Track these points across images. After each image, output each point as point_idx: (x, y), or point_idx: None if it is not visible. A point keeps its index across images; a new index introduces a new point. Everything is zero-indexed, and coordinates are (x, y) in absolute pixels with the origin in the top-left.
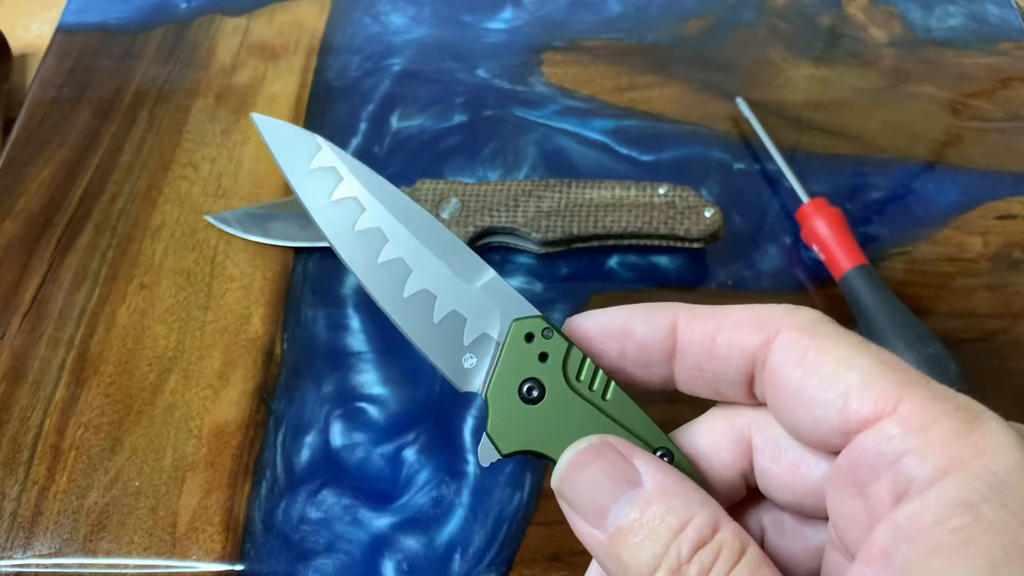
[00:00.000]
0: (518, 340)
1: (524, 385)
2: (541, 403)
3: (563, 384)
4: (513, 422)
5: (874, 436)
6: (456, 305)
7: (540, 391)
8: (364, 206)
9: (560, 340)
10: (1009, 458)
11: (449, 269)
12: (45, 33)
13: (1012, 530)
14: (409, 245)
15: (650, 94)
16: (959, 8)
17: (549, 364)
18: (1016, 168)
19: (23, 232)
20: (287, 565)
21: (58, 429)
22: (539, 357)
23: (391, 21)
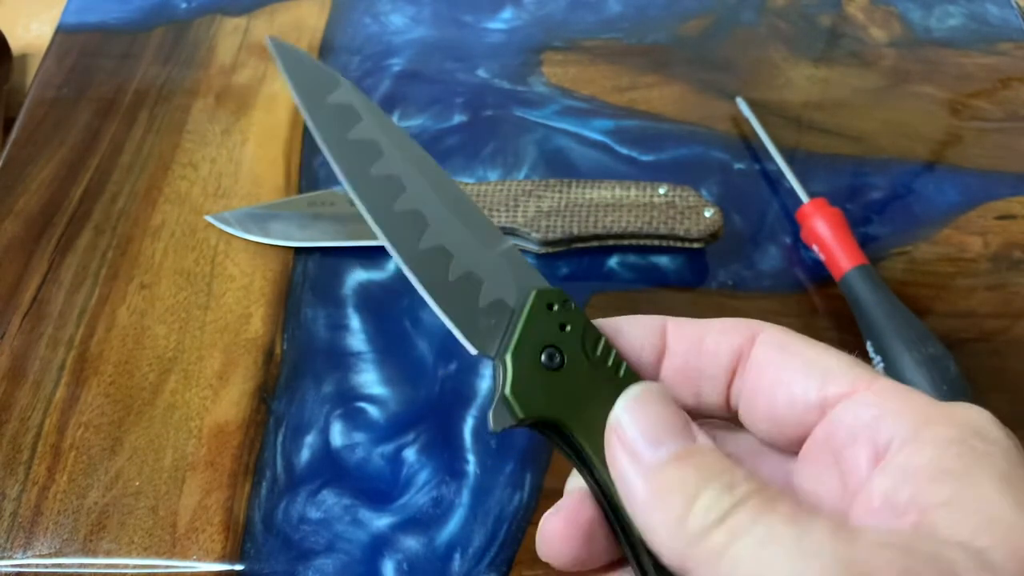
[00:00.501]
0: (540, 308)
1: (545, 351)
2: (562, 370)
3: (583, 355)
4: (534, 386)
5: (852, 405)
6: (473, 267)
7: (561, 359)
8: (383, 151)
9: (579, 314)
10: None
11: (468, 231)
12: (45, 33)
13: (1006, 458)
14: (428, 199)
15: (650, 94)
16: (959, 8)
17: (569, 334)
18: (1016, 168)
19: (23, 232)
20: (287, 565)
21: (58, 429)
22: (559, 327)
23: (391, 21)
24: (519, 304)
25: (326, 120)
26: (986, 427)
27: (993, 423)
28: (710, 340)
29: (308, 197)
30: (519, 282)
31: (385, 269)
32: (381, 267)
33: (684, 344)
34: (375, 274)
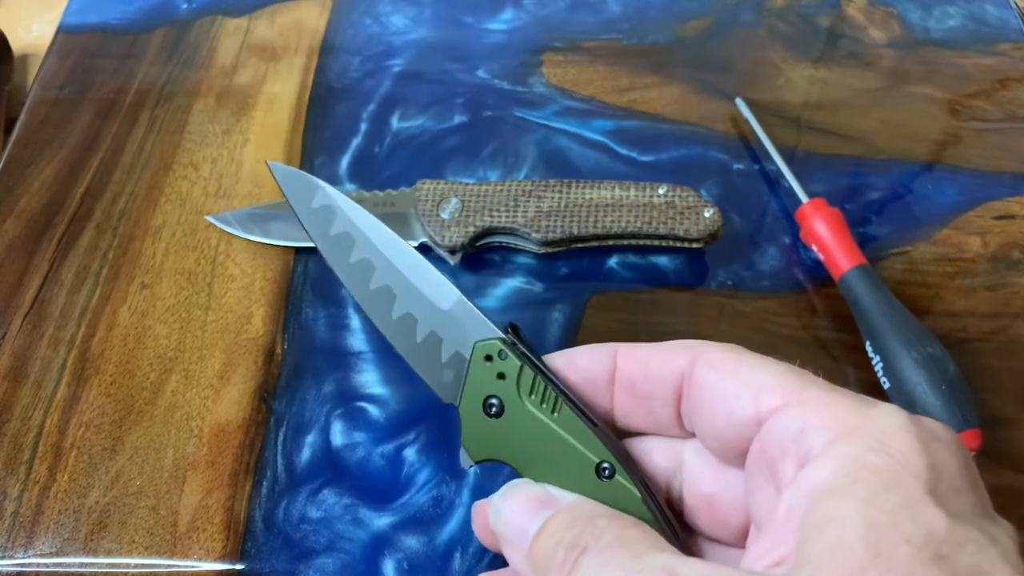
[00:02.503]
0: (479, 360)
1: (487, 401)
2: (502, 418)
3: (519, 401)
4: (480, 434)
5: (780, 418)
6: (433, 326)
7: (500, 407)
8: (355, 239)
9: (514, 361)
10: (894, 422)
11: (424, 293)
12: (46, 33)
13: (894, 470)
14: (392, 273)
15: (650, 94)
16: (958, 9)
17: (506, 382)
18: (1015, 168)
19: (24, 232)
20: (288, 564)
21: (59, 428)
22: (498, 375)
23: (392, 22)
24: (469, 355)
25: (314, 224)
26: (894, 438)
27: (906, 432)
28: (655, 363)
29: None
30: (469, 334)
31: None
32: None
33: (633, 368)
34: None
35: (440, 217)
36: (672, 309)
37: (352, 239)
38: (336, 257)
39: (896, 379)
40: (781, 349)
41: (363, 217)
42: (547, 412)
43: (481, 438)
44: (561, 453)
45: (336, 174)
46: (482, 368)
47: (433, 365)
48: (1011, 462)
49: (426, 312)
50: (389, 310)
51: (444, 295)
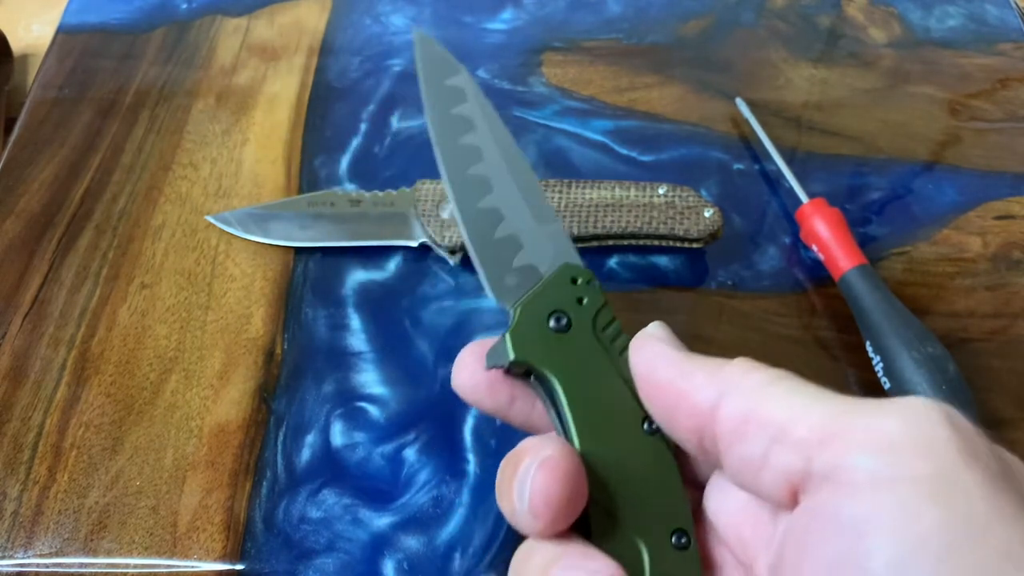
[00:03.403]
0: (563, 278)
1: (556, 312)
2: (565, 334)
3: (590, 328)
4: (534, 337)
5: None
6: (519, 231)
7: (567, 324)
8: (475, 126)
9: (599, 295)
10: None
11: (526, 205)
12: (46, 34)
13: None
14: (499, 172)
15: (650, 94)
16: (958, 9)
17: (583, 307)
18: (1015, 168)
19: (24, 232)
20: (288, 564)
21: (59, 428)
22: (578, 299)
23: (391, 22)
24: (548, 272)
25: (437, 98)
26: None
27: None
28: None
29: (308, 197)
30: (555, 256)
31: (385, 269)
32: (381, 267)
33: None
34: (375, 274)
35: (440, 217)
36: (672, 309)
37: (472, 125)
38: (445, 135)
39: (896, 379)
40: (781, 349)
41: (494, 118)
42: (614, 352)
43: (533, 341)
44: (613, 394)
45: (336, 174)
46: (563, 286)
47: (499, 264)
48: None
49: (517, 217)
50: (479, 199)
51: (543, 216)
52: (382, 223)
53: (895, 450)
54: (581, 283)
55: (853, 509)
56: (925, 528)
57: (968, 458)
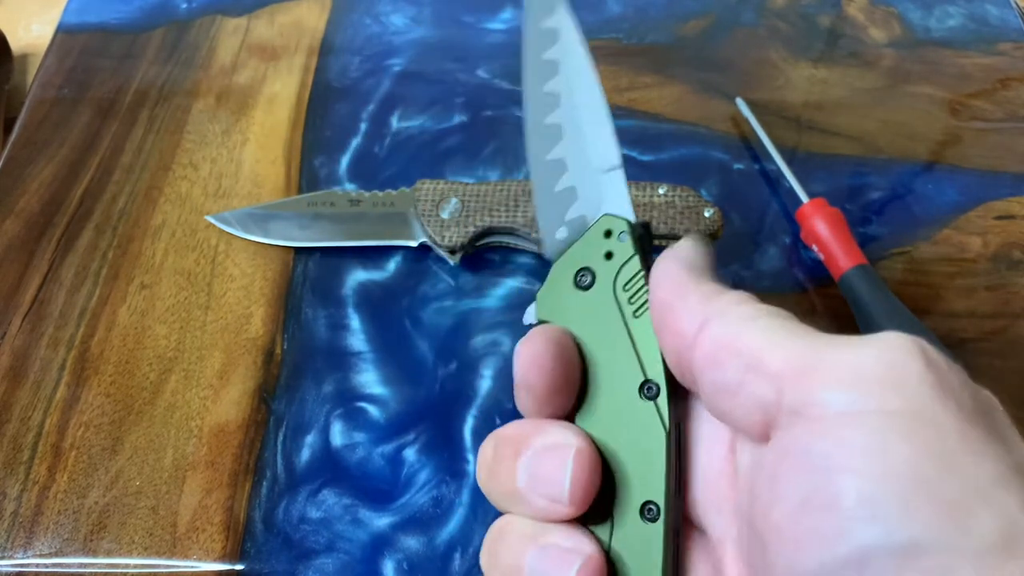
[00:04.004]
0: (598, 231)
1: (582, 270)
2: (586, 292)
3: (610, 286)
4: (559, 297)
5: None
6: (577, 182)
7: (591, 282)
8: (559, 71)
9: (628, 247)
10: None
11: (588, 146)
12: (46, 33)
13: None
14: (572, 116)
15: (650, 94)
16: (958, 8)
17: (609, 264)
18: (1015, 168)
19: (24, 232)
20: (287, 565)
21: (59, 429)
22: (606, 254)
23: (391, 22)
24: (592, 223)
25: (533, 37)
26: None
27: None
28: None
29: (308, 197)
30: (604, 204)
31: (385, 269)
32: (381, 267)
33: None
34: (375, 274)
35: (440, 217)
36: None
37: (557, 69)
38: (533, 79)
39: None
40: None
41: (580, 58)
42: (630, 311)
43: (557, 301)
44: (619, 354)
45: (336, 174)
46: (596, 240)
47: (555, 217)
48: None
49: (578, 165)
50: (549, 149)
51: (606, 157)
52: (382, 223)
53: (866, 384)
54: (614, 236)
55: (822, 445)
56: (894, 464)
57: (941, 392)
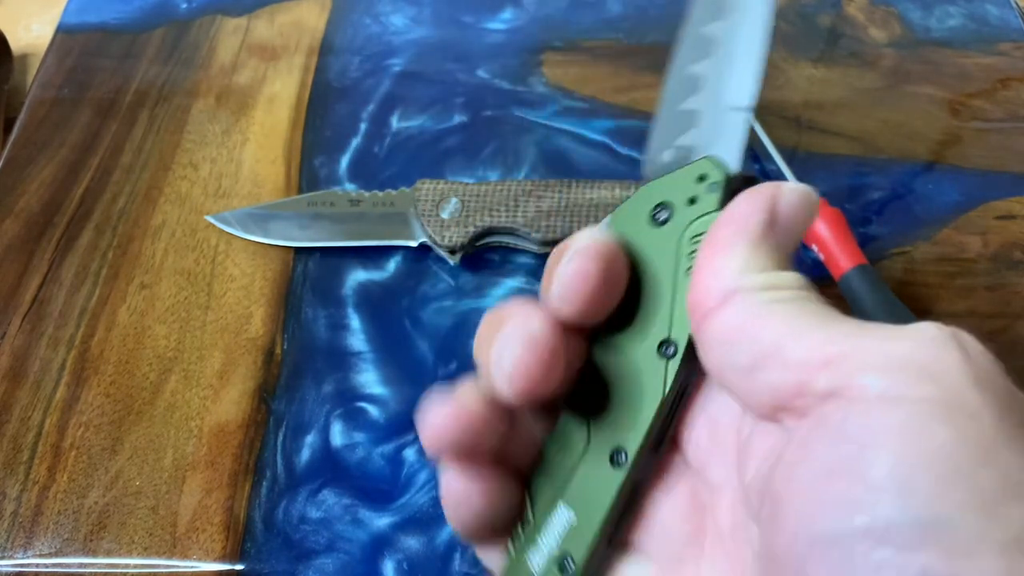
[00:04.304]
0: (692, 172)
1: (663, 205)
2: (658, 229)
3: (679, 233)
4: (633, 219)
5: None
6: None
7: (665, 221)
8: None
9: (712, 201)
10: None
11: (729, 78)
12: (46, 33)
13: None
14: (729, 38)
15: (650, 94)
16: (959, 8)
17: (689, 210)
18: (1016, 168)
19: (24, 232)
20: (287, 565)
21: (59, 429)
22: (690, 199)
23: (391, 22)
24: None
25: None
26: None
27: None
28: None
29: (308, 197)
30: (715, 145)
31: (385, 269)
32: (381, 267)
33: None
34: (375, 274)
35: (440, 217)
36: None
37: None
38: (693, 22)
39: None
40: None
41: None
42: (684, 265)
43: (630, 223)
44: (655, 303)
45: (336, 174)
46: (688, 180)
47: (668, 136)
48: None
49: (711, 91)
50: (693, 63)
51: (740, 95)
52: (382, 223)
53: (905, 372)
54: (705, 183)
55: (860, 421)
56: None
57: (980, 385)
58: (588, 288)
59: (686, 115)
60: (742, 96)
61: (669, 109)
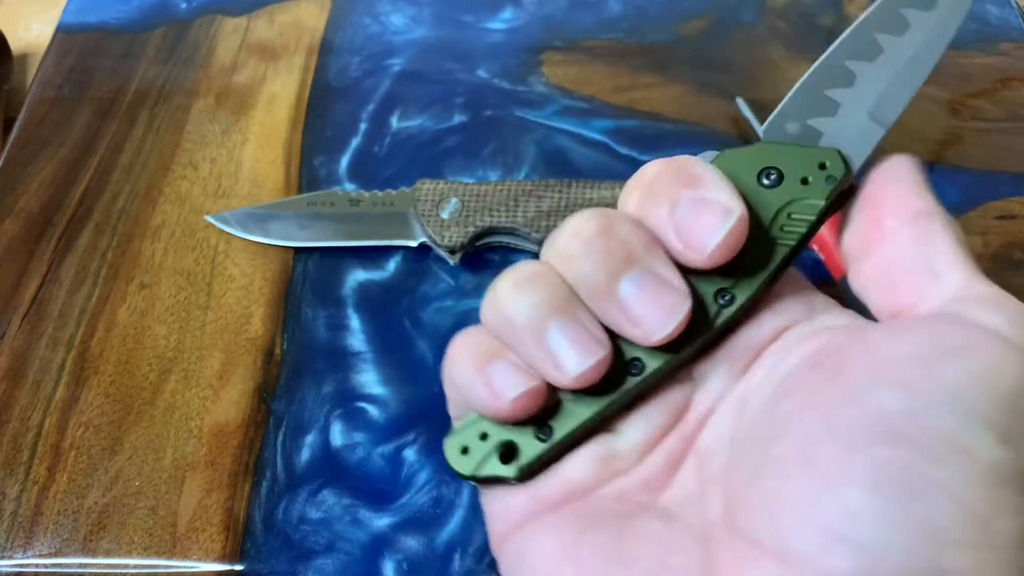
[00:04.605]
0: (818, 156)
1: (772, 170)
2: (759, 188)
3: (779, 204)
4: (738, 168)
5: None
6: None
7: (770, 186)
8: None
9: (824, 191)
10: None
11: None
12: (45, 33)
13: None
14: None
15: (650, 94)
16: None
17: (798, 189)
18: (1016, 168)
19: (23, 232)
20: (287, 565)
21: (58, 429)
22: (803, 179)
23: (391, 21)
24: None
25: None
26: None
27: None
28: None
29: (308, 197)
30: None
31: (385, 269)
32: (381, 267)
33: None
34: (375, 274)
35: (440, 217)
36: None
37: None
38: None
39: None
40: None
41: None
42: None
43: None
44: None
45: (336, 174)
46: (810, 160)
47: (800, 112)
48: None
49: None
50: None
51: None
52: (382, 223)
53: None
54: (824, 172)
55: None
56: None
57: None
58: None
59: (828, 101)
60: (888, 113)
61: (812, 87)
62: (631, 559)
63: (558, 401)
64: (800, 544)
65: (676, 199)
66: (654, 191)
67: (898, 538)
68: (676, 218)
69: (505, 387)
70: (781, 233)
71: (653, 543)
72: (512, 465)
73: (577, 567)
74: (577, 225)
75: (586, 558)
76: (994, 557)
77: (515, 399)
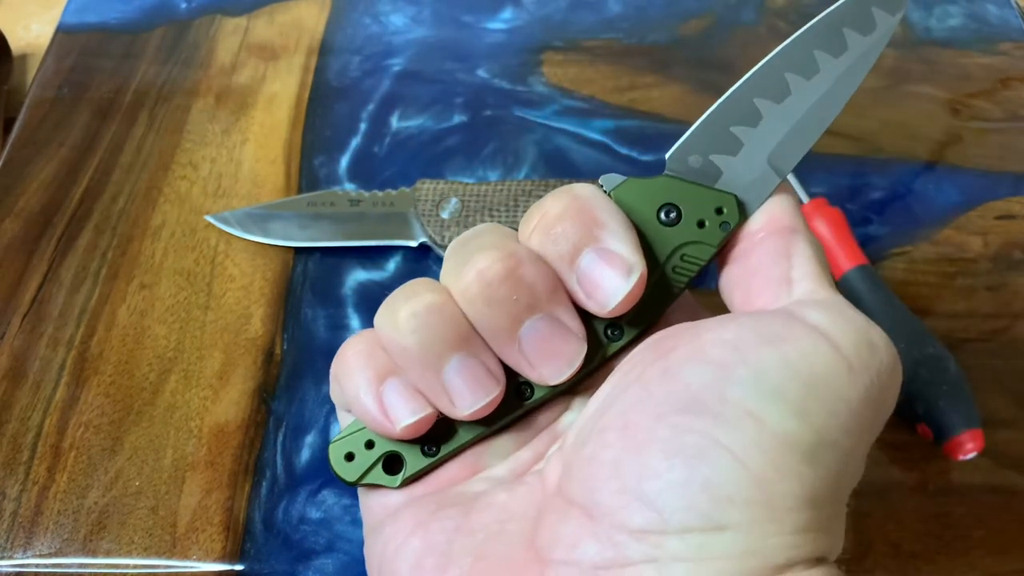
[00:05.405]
0: (715, 199)
1: (671, 207)
2: (656, 224)
3: (674, 244)
4: (638, 201)
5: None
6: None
7: (667, 223)
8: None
9: (717, 237)
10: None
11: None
12: (45, 33)
13: None
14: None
15: (650, 94)
16: (959, 8)
17: (693, 232)
18: (1016, 168)
19: (23, 232)
20: (287, 565)
21: (58, 429)
22: (699, 222)
23: (391, 21)
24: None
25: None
26: None
27: None
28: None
29: (308, 197)
30: (742, 187)
31: (385, 269)
32: (381, 267)
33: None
34: (375, 274)
35: (440, 217)
36: (673, 309)
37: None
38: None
39: None
40: None
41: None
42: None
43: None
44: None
45: (336, 174)
46: (706, 204)
47: (702, 145)
48: (1011, 462)
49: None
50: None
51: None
52: (382, 223)
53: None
54: (720, 217)
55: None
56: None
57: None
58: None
59: (731, 139)
60: (785, 163)
61: (718, 121)
62: (475, 528)
63: (448, 421)
64: (605, 500)
65: (578, 248)
66: (557, 234)
67: (684, 495)
68: (579, 270)
69: (398, 412)
70: (673, 274)
71: (496, 512)
72: (397, 476)
73: (425, 540)
74: (483, 265)
75: (435, 530)
76: (770, 515)
77: (407, 426)
